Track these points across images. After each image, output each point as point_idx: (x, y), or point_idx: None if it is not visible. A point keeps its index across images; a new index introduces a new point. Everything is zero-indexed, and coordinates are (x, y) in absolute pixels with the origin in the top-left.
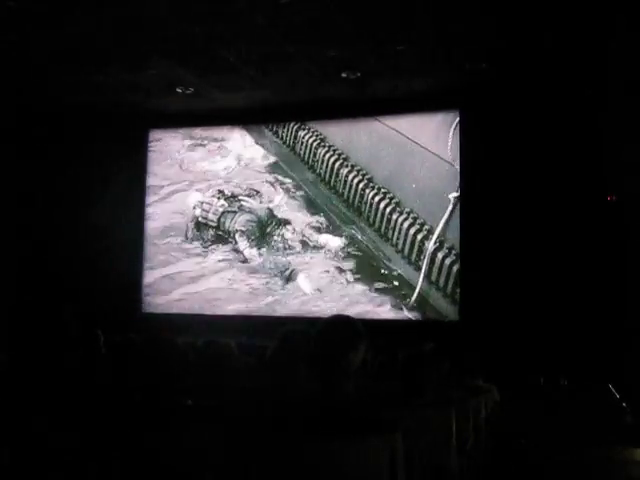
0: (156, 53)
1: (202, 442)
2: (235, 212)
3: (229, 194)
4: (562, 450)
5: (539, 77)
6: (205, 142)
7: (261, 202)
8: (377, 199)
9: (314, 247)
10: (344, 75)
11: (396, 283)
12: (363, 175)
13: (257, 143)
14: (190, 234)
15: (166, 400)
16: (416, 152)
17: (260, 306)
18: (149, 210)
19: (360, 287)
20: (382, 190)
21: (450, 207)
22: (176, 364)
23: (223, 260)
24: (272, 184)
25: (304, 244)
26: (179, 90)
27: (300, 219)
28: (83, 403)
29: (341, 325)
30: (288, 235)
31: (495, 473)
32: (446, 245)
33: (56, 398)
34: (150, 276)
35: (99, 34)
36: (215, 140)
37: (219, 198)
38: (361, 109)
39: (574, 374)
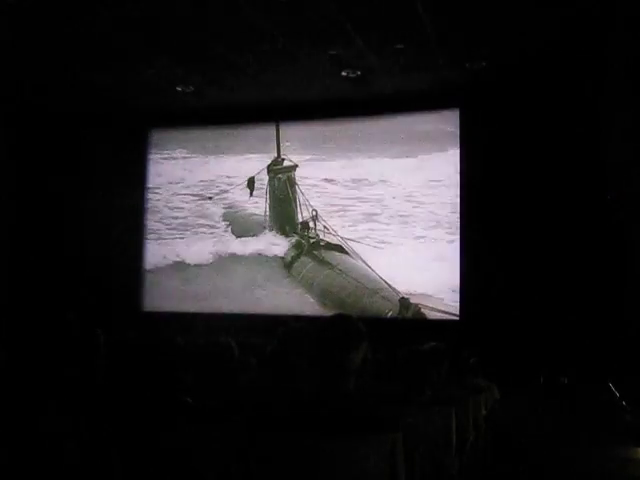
0: (156, 53)
1: (203, 441)
2: None
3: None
4: (562, 449)
5: (539, 76)
6: None
7: None
8: None
9: None
10: (344, 74)
11: None
12: None
13: None
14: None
15: (166, 399)
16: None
17: (260, 305)
18: (149, 209)
19: None
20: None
21: None
22: (176, 364)
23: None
24: None
25: None
26: (179, 89)
27: None
28: (83, 403)
29: (341, 324)
30: None
31: (495, 473)
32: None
33: (56, 398)
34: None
35: (99, 34)
36: None
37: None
38: (361, 107)
39: (574, 373)
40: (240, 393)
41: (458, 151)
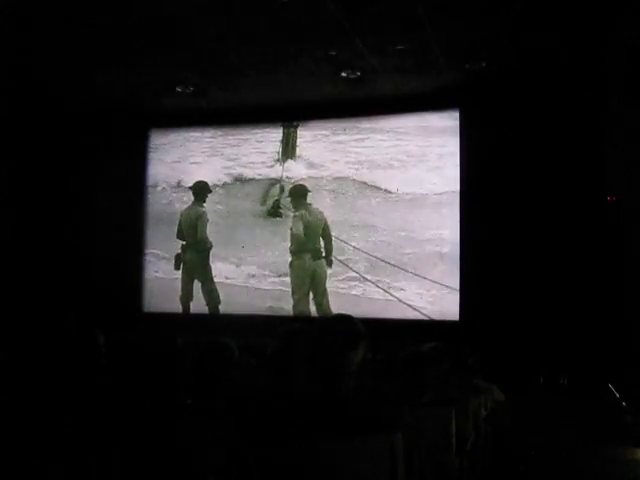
0: (156, 53)
1: (202, 442)
2: None
3: None
4: (562, 450)
5: (539, 76)
6: None
7: None
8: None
9: None
10: (344, 74)
11: None
12: None
13: None
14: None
15: (166, 400)
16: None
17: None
18: (149, 209)
19: None
20: None
21: None
22: (176, 364)
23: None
24: None
25: None
26: (179, 89)
27: None
28: (83, 403)
29: (341, 324)
30: None
31: (495, 473)
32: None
33: (56, 397)
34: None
35: (99, 34)
36: None
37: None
38: (361, 108)
39: (574, 373)
40: (240, 393)
41: (458, 152)
